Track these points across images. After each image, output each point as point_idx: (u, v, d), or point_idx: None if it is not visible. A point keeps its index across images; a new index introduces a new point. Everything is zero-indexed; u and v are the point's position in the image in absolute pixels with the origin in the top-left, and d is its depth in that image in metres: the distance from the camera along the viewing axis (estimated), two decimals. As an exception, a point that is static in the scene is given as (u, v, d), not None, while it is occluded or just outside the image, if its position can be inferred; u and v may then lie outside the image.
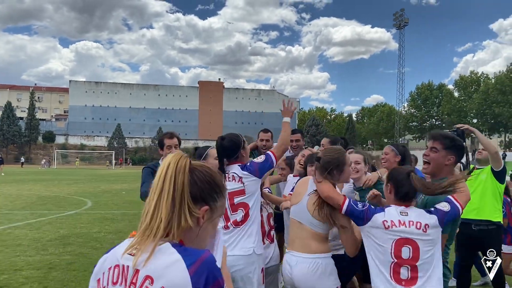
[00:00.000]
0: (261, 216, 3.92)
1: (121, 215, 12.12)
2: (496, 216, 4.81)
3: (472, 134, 4.22)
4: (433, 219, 2.56)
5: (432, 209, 2.64)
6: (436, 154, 2.75)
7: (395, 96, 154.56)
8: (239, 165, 3.29)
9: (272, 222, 4.21)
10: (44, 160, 63.59)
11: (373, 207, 2.73)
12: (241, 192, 3.20)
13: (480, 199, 4.81)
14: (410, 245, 2.51)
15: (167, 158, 1.32)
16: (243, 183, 3.19)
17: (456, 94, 70.79)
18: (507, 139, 65.30)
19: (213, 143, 3.64)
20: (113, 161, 65.65)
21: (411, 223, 2.54)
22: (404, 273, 2.51)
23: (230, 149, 3.29)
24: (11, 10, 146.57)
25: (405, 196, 2.64)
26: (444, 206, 2.63)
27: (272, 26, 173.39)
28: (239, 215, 3.21)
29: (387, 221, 2.57)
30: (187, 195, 1.26)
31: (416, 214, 2.57)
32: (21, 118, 77.72)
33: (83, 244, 8.11)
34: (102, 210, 13.30)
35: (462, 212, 2.61)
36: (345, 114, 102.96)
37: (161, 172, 1.28)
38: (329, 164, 2.85)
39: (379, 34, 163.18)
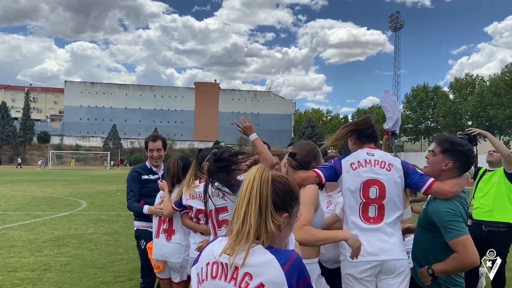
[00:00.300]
0: None
1: (116, 216, 12.06)
2: (510, 217, 4.79)
3: (485, 138, 4.23)
4: (397, 161, 2.73)
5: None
6: (433, 157, 2.70)
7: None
8: None
9: None
10: (41, 160, 63.30)
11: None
12: (224, 209, 3.09)
13: (493, 201, 4.81)
14: (377, 185, 2.67)
15: (252, 170, 1.49)
16: (226, 200, 3.07)
17: (451, 96, 71.03)
18: (502, 141, 65.58)
19: (209, 144, 3.58)
20: (109, 162, 65.39)
21: (376, 162, 2.70)
22: (372, 211, 2.67)
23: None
24: (6, 10, 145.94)
25: (366, 137, 2.76)
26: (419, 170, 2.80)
27: (269, 27, 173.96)
28: (223, 232, 3.14)
29: (354, 163, 2.73)
30: (270, 204, 1.43)
31: (380, 155, 2.75)
32: (16, 119, 77.38)
33: (78, 245, 8.08)
34: (97, 211, 13.25)
35: (424, 192, 2.63)
36: (341, 116, 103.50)
37: (248, 184, 1.45)
38: (308, 158, 2.87)
39: (375, 36, 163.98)
